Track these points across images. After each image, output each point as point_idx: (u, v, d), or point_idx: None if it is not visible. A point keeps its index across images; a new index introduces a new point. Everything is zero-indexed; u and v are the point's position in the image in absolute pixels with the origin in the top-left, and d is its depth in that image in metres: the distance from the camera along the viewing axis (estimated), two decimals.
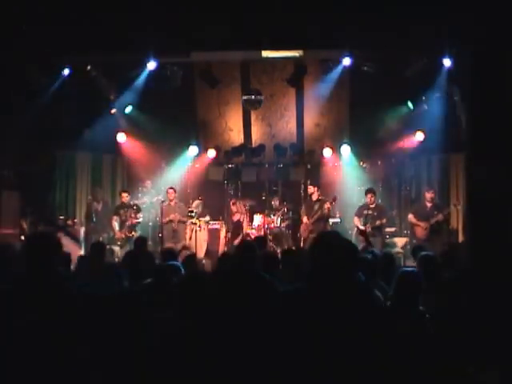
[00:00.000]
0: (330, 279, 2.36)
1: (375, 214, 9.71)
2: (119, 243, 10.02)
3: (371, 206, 9.81)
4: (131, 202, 10.36)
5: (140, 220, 10.27)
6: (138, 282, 4.32)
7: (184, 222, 10.49)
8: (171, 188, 10.62)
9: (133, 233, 9.96)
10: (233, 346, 2.77)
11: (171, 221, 10.26)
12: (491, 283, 3.75)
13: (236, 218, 10.93)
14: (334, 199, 10.27)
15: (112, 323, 3.06)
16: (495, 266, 5.06)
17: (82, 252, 9.77)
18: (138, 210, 10.25)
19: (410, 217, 9.99)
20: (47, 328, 2.68)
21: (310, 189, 10.62)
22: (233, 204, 11.09)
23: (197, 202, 11.04)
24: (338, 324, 2.28)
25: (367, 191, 10.01)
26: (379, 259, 5.19)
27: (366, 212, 9.81)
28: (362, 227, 9.62)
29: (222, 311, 2.99)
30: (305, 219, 10.40)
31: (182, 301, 2.93)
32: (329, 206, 10.10)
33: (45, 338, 2.67)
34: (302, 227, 10.50)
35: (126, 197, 10.33)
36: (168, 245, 10.01)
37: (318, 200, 10.35)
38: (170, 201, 10.46)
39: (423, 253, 5.12)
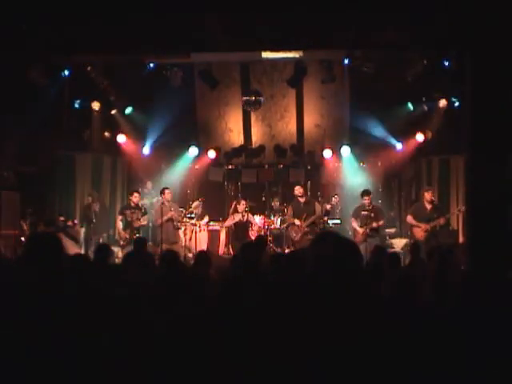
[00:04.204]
0: (332, 278, 2.35)
1: (372, 215, 9.60)
2: (122, 243, 9.98)
3: (368, 207, 9.70)
4: (138, 204, 10.27)
5: (145, 223, 10.20)
6: (137, 282, 4.33)
7: (178, 223, 10.30)
8: (167, 188, 10.32)
9: (137, 234, 9.90)
10: (235, 346, 2.77)
11: (172, 219, 10.15)
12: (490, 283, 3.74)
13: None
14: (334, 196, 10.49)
15: (114, 323, 3.06)
16: (494, 265, 5.06)
17: (82, 253, 9.78)
18: (144, 212, 10.19)
19: (409, 218, 9.88)
20: (58, 327, 2.67)
21: (298, 189, 10.26)
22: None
23: (196, 202, 11.00)
24: (340, 323, 2.28)
25: (364, 193, 9.82)
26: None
27: (363, 213, 9.73)
28: (359, 229, 9.64)
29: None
30: (297, 221, 10.06)
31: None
32: (326, 206, 10.09)
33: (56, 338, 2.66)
34: (294, 229, 10.14)
35: (136, 197, 10.22)
36: (165, 245, 9.97)
37: (306, 202, 10.15)
38: (168, 201, 10.24)
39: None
